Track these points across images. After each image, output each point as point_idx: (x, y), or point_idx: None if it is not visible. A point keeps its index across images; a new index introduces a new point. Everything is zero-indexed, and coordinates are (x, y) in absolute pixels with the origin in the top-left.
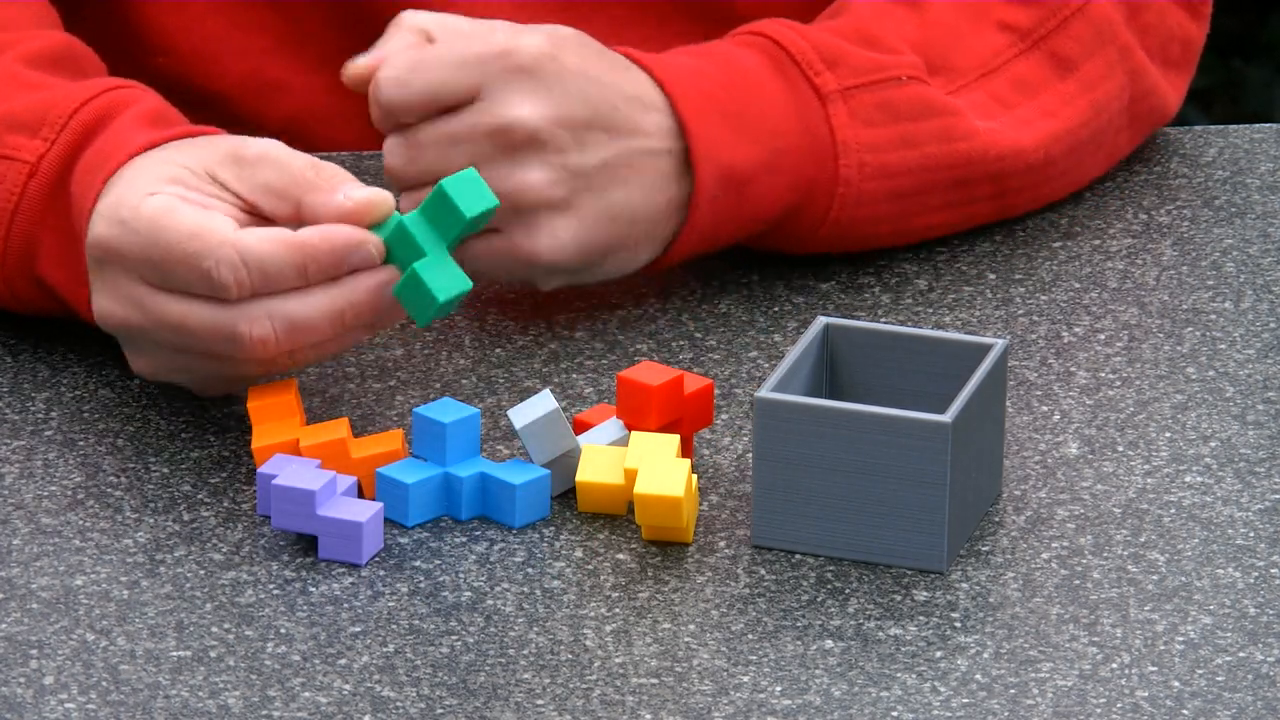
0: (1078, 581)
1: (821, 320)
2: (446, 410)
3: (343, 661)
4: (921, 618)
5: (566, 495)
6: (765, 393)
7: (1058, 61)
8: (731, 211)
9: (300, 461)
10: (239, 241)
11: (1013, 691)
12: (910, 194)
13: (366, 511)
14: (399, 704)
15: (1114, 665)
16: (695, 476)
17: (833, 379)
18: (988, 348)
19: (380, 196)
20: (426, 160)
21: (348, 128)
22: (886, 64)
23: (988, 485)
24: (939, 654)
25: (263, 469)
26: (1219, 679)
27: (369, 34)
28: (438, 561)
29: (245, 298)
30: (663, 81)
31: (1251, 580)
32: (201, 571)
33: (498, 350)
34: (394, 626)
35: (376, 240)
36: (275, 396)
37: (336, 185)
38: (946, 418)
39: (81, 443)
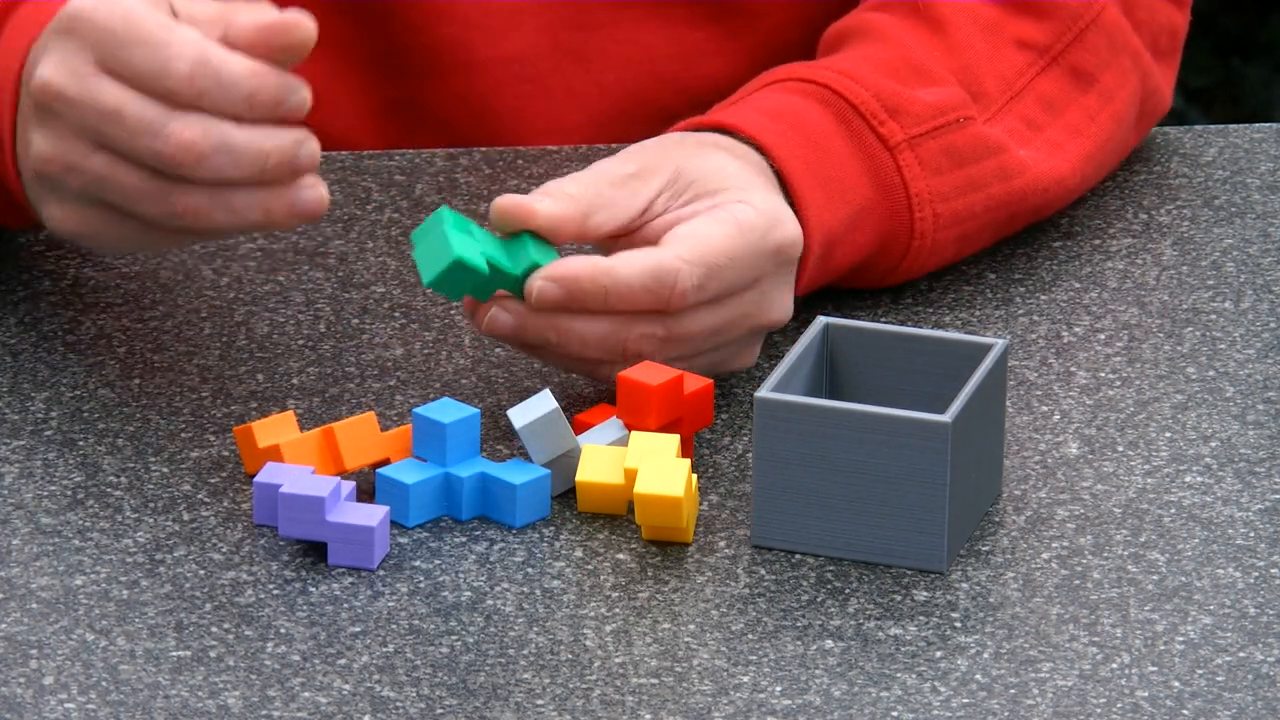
0: (1078, 581)
1: (821, 320)
2: (446, 410)
3: (343, 661)
4: (921, 618)
5: (566, 495)
6: (765, 393)
7: (1078, 75)
8: (821, 269)
9: (297, 469)
10: (207, 45)
11: (1013, 691)
12: (974, 234)
13: (375, 515)
14: (399, 704)
15: (1114, 665)
16: (695, 476)
17: (833, 379)
18: (988, 348)
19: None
20: (682, 350)
21: (340, 116)
22: (944, 107)
23: (988, 485)
24: (939, 654)
25: (259, 478)
26: (1219, 679)
27: (364, 22)
28: (438, 561)
29: (189, 102)
30: (774, 156)
31: (1251, 580)
32: (201, 571)
33: (498, 350)
34: (394, 626)
35: (307, 96)
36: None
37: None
38: (946, 418)
39: (81, 443)
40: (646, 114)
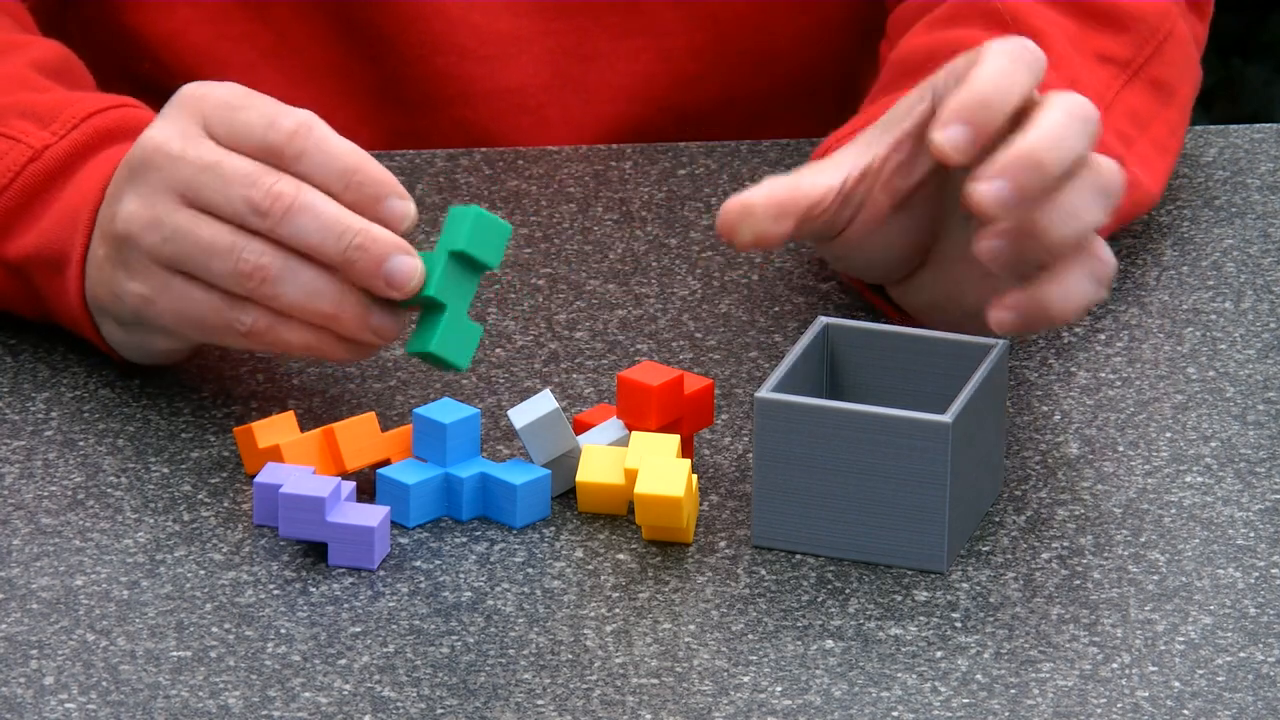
0: (1078, 581)
1: (821, 320)
2: (446, 410)
3: (343, 661)
4: (921, 618)
5: (566, 495)
6: (765, 393)
7: (1159, 88)
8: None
9: (297, 469)
10: (317, 118)
11: (1013, 691)
12: None
13: (376, 515)
14: (399, 704)
15: (1114, 665)
16: (695, 476)
17: (833, 379)
18: (988, 348)
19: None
20: (1084, 222)
21: None
22: None
23: (988, 485)
24: (939, 654)
25: (259, 478)
26: (1219, 679)
27: (355, 48)
28: (438, 562)
29: (289, 161)
30: None
31: (1252, 580)
32: (201, 571)
33: (498, 350)
34: (394, 626)
35: (411, 209)
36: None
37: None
38: (946, 418)
39: (81, 443)
40: (642, 141)
